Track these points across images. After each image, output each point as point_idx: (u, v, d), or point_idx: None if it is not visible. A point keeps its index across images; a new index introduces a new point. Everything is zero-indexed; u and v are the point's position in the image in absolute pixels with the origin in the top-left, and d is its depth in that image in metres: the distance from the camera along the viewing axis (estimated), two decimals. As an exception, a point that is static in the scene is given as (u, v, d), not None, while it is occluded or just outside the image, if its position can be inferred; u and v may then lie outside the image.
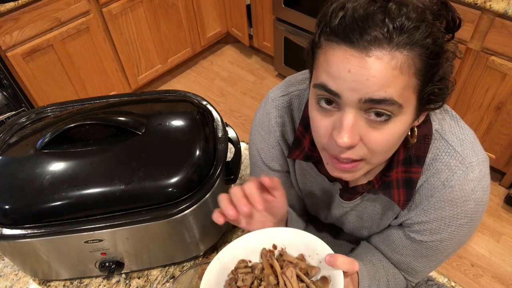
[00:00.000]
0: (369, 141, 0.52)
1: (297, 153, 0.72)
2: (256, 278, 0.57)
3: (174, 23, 2.67)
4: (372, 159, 0.55)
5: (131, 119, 0.81)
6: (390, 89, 0.47)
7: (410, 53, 0.46)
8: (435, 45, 0.48)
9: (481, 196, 0.61)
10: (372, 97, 0.48)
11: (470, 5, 1.66)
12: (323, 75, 0.51)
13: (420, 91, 0.50)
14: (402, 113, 0.50)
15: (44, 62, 2.15)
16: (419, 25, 0.46)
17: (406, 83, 0.48)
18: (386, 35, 0.45)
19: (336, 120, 0.52)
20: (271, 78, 2.96)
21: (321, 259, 0.56)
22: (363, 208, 0.75)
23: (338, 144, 0.51)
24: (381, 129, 0.51)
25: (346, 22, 0.47)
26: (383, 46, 0.46)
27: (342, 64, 0.48)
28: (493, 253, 1.93)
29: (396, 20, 0.45)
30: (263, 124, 0.75)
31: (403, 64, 0.47)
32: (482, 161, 0.61)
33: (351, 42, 0.46)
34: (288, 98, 0.73)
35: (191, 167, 0.76)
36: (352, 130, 0.50)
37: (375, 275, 0.73)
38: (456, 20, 0.51)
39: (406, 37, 0.46)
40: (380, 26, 0.45)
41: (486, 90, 1.83)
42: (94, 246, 0.79)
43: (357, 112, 0.50)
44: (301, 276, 0.55)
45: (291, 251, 0.60)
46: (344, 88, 0.49)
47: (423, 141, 0.61)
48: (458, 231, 0.64)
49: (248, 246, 0.61)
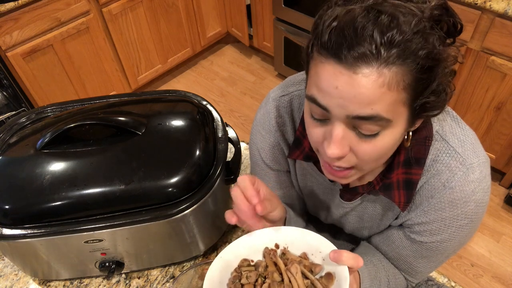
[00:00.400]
0: (358, 152, 0.53)
1: (297, 153, 0.72)
2: (260, 276, 0.57)
3: (174, 23, 2.67)
4: (363, 167, 0.56)
5: (131, 119, 0.81)
6: (376, 106, 0.47)
7: (399, 69, 0.45)
8: (428, 59, 0.46)
9: (481, 197, 0.61)
10: (359, 114, 0.48)
11: (470, 5, 1.66)
12: (314, 88, 0.51)
13: (410, 104, 0.50)
14: (392, 126, 0.50)
15: (44, 62, 2.15)
16: (412, 38, 0.44)
17: (395, 99, 0.47)
18: (374, 52, 0.44)
19: (327, 131, 0.53)
20: (271, 78, 2.96)
21: (324, 257, 0.56)
22: (363, 209, 0.74)
23: (328, 155, 0.52)
24: (371, 141, 0.51)
25: (335, 37, 0.46)
26: (371, 63, 0.45)
27: (330, 80, 0.48)
28: (493, 253, 1.93)
29: (386, 34, 0.44)
30: (263, 124, 0.75)
31: (391, 81, 0.46)
32: (483, 162, 0.61)
33: (339, 58, 0.46)
34: (289, 98, 0.73)
35: (191, 167, 0.76)
36: (342, 142, 0.51)
37: (376, 275, 0.73)
38: (458, 25, 0.50)
39: (395, 52, 0.44)
40: (368, 41, 0.44)
41: (486, 90, 1.83)
42: (94, 246, 0.79)
43: (346, 126, 0.51)
44: (306, 273, 0.55)
45: (294, 250, 0.60)
46: (332, 104, 0.49)
47: (423, 143, 0.61)
48: (458, 232, 0.64)
49: (250, 245, 0.61)
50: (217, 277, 0.58)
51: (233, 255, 0.60)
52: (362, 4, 0.46)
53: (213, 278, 0.58)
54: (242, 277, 0.57)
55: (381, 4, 0.46)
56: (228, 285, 0.58)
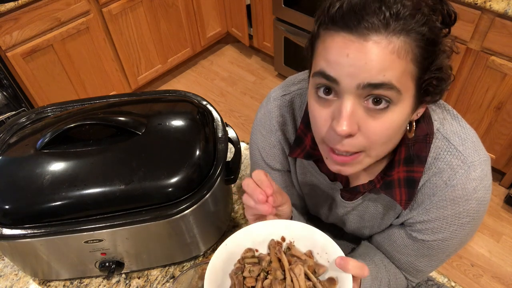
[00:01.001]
0: (367, 131, 0.52)
1: (298, 152, 0.72)
2: (263, 270, 0.56)
3: (174, 23, 2.67)
4: (371, 151, 0.55)
5: (131, 119, 0.81)
6: (388, 73, 0.48)
7: (406, 38, 0.48)
8: (431, 33, 0.49)
9: (483, 195, 0.61)
10: (370, 81, 0.48)
11: (470, 5, 1.66)
12: (322, 62, 0.51)
13: (418, 78, 0.51)
14: (401, 101, 0.51)
15: (44, 62, 2.15)
16: (415, 13, 0.47)
17: (404, 68, 0.49)
18: (383, 21, 0.47)
19: (335, 109, 0.52)
20: (271, 78, 2.96)
21: (329, 259, 0.56)
22: (365, 208, 0.74)
23: (337, 132, 0.51)
24: (380, 118, 0.51)
25: (344, 11, 0.48)
26: (380, 31, 0.47)
27: (340, 49, 0.49)
28: (493, 253, 1.93)
29: (392, 7, 0.47)
30: (264, 123, 0.75)
31: (400, 49, 0.48)
32: (484, 160, 0.61)
33: (349, 28, 0.48)
34: (290, 97, 0.73)
35: (191, 167, 0.76)
36: (351, 119, 0.51)
37: (377, 276, 0.73)
38: (452, 14, 0.52)
39: (402, 23, 0.47)
40: (376, 13, 0.47)
41: (486, 90, 1.83)
42: (94, 246, 0.79)
43: (355, 100, 0.50)
44: (309, 275, 0.54)
45: (299, 246, 0.59)
46: (342, 73, 0.49)
47: (424, 141, 0.61)
48: (460, 230, 0.64)
49: (256, 236, 0.60)
50: (220, 265, 0.58)
51: (238, 244, 0.60)
52: None
53: (216, 266, 0.57)
54: (245, 270, 0.57)
55: None
56: (230, 274, 0.58)
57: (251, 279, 0.56)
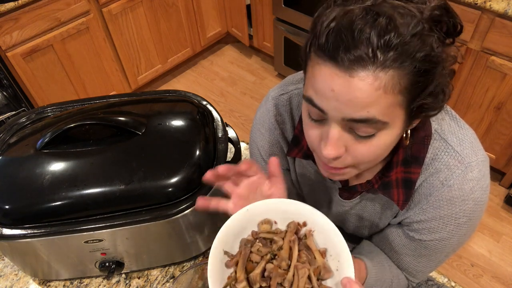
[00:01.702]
0: (354, 153, 0.53)
1: (296, 151, 0.72)
2: (271, 253, 0.56)
3: (174, 23, 2.67)
4: (359, 166, 0.56)
5: (131, 119, 0.81)
6: (372, 109, 0.47)
7: (395, 72, 0.45)
8: (426, 62, 0.46)
9: (480, 196, 0.61)
10: (354, 117, 0.48)
11: (470, 5, 1.66)
12: (310, 90, 0.51)
13: (407, 106, 0.50)
14: (388, 128, 0.50)
15: (44, 62, 2.15)
16: (409, 40, 0.44)
17: (391, 102, 0.47)
18: (370, 55, 0.44)
19: (324, 132, 0.53)
20: (271, 78, 2.96)
21: (339, 268, 0.55)
22: (363, 207, 0.75)
23: (324, 156, 0.52)
24: (367, 142, 0.52)
25: (332, 39, 0.46)
26: (367, 66, 0.44)
27: (326, 82, 0.48)
28: (493, 253, 1.93)
29: (383, 37, 0.43)
30: (263, 122, 0.76)
31: (387, 84, 0.45)
32: (482, 161, 0.61)
33: (335, 61, 0.46)
34: (288, 96, 0.73)
35: (191, 167, 0.76)
36: (337, 143, 0.52)
37: (381, 277, 0.73)
38: (458, 26, 0.50)
39: (392, 55, 0.44)
40: (365, 44, 0.44)
41: (486, 90, 1.83)
42: (94, 246, 0.79)
43: (342, 127, 0.51)
44: (312, 279, 0.54)
45: (318, 239, 0.58)
46: (328, 106, 0.49)
47: (422, 142, 0.61)
48: (457, 230, 0.64)
49: (279, 210, 0.59)
50: (235, 228, 0.58)
51: (259, 213, 0.59)
52: (361, 5, 0.46)
53: (231, 228, 0.57)
54: (255, 245, 0.56)
55: (379, 5, 0.45)
56: (241, 242, 0.58)
57: (256, 256, 0.56)
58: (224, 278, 0.56)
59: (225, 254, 0.57)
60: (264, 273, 0.55)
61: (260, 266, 0.55)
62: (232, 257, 0.57)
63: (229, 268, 0.56)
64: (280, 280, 0.53)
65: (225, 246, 0.57)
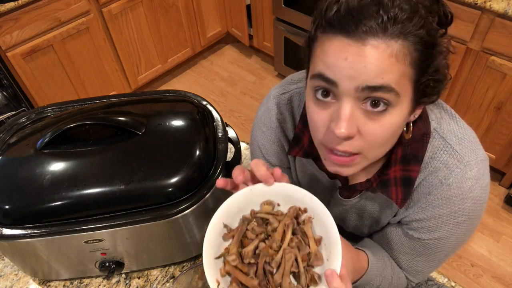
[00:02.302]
0: (366, 132, 0.52)
1: (297, 150, 0.72)
2: (265, 233, 0.58)
3: (174, 23, 2.67)
4: (368, 153, 0.55)
5: (131, 119, 0.81)
6: (387, 76, 0.48)
7: (404, 42, 0.48)
8: (429, 36, 0.49)
9: (479, 195, 0.61)
10: (369, 84, 0.48)
11: (470, 5, 1.66)
12: (320, 65, 0.51)
13: (416, 81, 0.51)
14: (399, 103, 0.51)
15: (44, 62, 2.15)
16: (412, 16, 0.47)
17: (402, 72, 0.49)
18: (381, 25, 0.46)
19: (334, 111, 0.53)
20: (271, 78, 2.96)
21: (329, 258, 0.56)
22: (362, 206, 0.75)
23: (336, 134, 0.51)
24: (378, 120, 0.51)
25: (342, 14, 0.48)
26: (378, 35, 0.47)
27: (339, 52, 0.49)
28: (493, 253, 1.93)
29: (390, 11, 0.46)
30: (264, 120, 0.76)
31: (399, 53, 0.48)
32: (481, 160, 0.61)
33: (347, 32, 0.48)
34: (289, 95, 0.74)
35: (191, 167, 0.76)
36: (350, 121, 0.51)
37: (382, 272, 0.73)
38: (448, 14, 0.52)
39: (400, 27, 0.47)
40: (374, 17, 0.46)
41: (486, 90, 1.83)
42: (94, 246, 0.79)
43: (354, 103, 0.51)
44: (299, 264, 0.55)
45: (316, 227, 0.59)
46: (341, 76, 0.49)
47: (421, 140, 0.61)
48: (456, 229, 0.64)
49: (282, 193, 0.61)
50: (238, 205, 0.59)
51: (262, 194, 0.60)
52: None
53: (232, 205, 0.59)
54: (250, 223, 0.58)
55: None
56: (240, 219, 0.60)
57: (250, 234, 0.58)
58: (220, 249, 0.58)
59: (225, 227, 0.59)
60: (256, 251, 0.57)
61: (253, 243, 0.57)
62: (230, 231, 0.59)
63: (225, 241, 0.59)
64: (268, 259, 0.55)
65: (225, 220, 0.59)
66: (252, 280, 0.55)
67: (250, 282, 0.55)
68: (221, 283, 0.56)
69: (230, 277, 0.56)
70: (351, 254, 0.64)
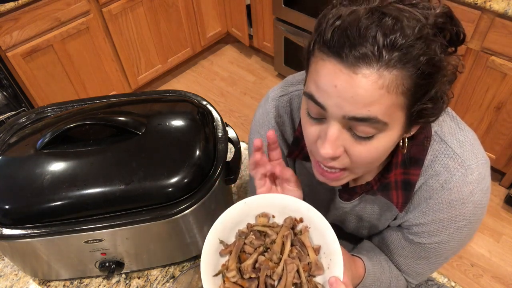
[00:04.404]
0: (353, 154, 0.53)
1: (297, 153, 0.72)
2: (263, 246, 0.58)
3: (174, 23, 2.67)
4: (355, 169, 0.56)
5: (131, 119, 0.81)
6: (374, 108, 0.47)
7: (399, 72, 0.45)
8: (429, 65, 0.46)
9: (480, 199, 0.61)
10: (355, 115, 0.48)
11: (470, 5, 1.66)
12: (312, 85, 0.51)
13: (408, 109, 0.49)
14: (388, 130, 0.50)
15: (44, 62, 2.14)
16: (414, 43, 0.44)
17: (392, 102, 0.47)
18: (376, 53, 0.44)
19: (322, 130, 0.53)
20: (271, 78, 2.96)
21: (330, 266, 0.56)
22: (362, 209, 0.74)
23: (321, 154, 0.52)
24: (366, 144, 0.51)
25: (338, 36, 0.46)
26: (372, 64, 0.45)
27: (329, 78, 0.48)
28: (493, 253, 1.93)
29: (389, 36, 0.44)
30: (262, 123, 0.75)
31: (391, 84, 0.45)
32: (482, 163, 0.60)
33: (340, 57, 0.46)
34: (288, 98, 0.73)
35: (191, 167, 0.76)
36: (336, 142, 0.51)
37: (380, 277, 0.73)
38: (460, 34, 0.50)
39: (396, 56, 0.44)
40: (370, 42, 0.44)
41: (486, 90, 1.83)
42: (94, 246, 0.79)
43: (342, 126, 0.51)
44: (301, 274, 0.55)
45: (313, 235, 0.59)
46: (329, 103, 0.49)
47: (422, 144, 0.61)
48: (457, 233, 0.64)
49: (276, 205, 0.61)
50: (233, 220, 0.59)
51: (256, 206, 0.60)
52: (367, 6, 0.46)
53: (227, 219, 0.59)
54: (248, 237, 0.58)
55: (386, 6, 0.46)
56: (236, 233, 0.60)
57: (249, 248, 0.57)
58: (217, 266, 0.58)
59: (221, 243, 0.59)
60: (255, 265, 0.56)
61: (252, 257, 0.56)
62: (227, 246, 0.59)
63: (222, 257, 0.58)
64: (269, 272, 0.55)
65: (221, 235, 0.59)
66: None
67: None
68: None
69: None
70: (348, 261, 0.64)
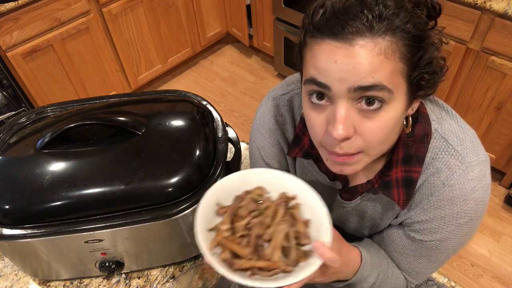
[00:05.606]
0: (363, 132, 0.53)
1: (297, 151, 0.72)
2: (258, 210, 0.60)
3: (174, 23, 2.67)
4: (369, 150, 0.55)
5: (131, 119, 0.81)
6: (377, 74, 0.48)
7: (392, 38, 0.48)
8: (417, 29, 0.49)
9: (481, 196, 0.61)
10: (361, 84, 0.49)
11: (470, 5, 1.66)
12: (311, 69, 0.52)
13: (409, 75, 0.51)
14: (393, 99, 0.51)
15: (44, 62, 2.15)
16: (398, 11, 0.48)
17: (393, 68, 0.49)
18: (367, 25, 0.47)
19: (330, 114, 0.53)
20: (271, 78, 2.96)
21: (317, 237, 0.58)
22: (364, 208, 0.75)
23: (334, 137, 0.52)
24: (374, 118, 0.51)
25: (327, 17, 0.49)
26: (365, 34, 0.47)
27: (328, 55, 0.49)
28: (493, 253, 1.93)
29: (374, 9, 0.47)
30: (263, 122, 0.76)
31: (387, 49, 0.48)
32: (483, 160, 0.61)
33: (334, 35, 0.48)
34: (289, 96, 0.73)
35: (191, 167, 0.76)
36: (346, 122, 0.51)
37: (378, 269, 0.73)
38: (436, 6, 0.53)
39: (386, 24, 0.47)
40: (359, 16, 0.47)
41: (486, 90, 1.83)
42: (94, 246, 0.79)
43: (348, 103, 0.51)
44: (290, 238, 0.57)
45: (304, 211, 0.61)
46: (332, 79, 0.50)
47: (422, 141, 0.61)
48: (458, 230, 0.64)
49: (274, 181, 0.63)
50: (231, 186, 0.62)
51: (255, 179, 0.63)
52: None
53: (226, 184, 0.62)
54: (244, 200, 0.60)
55: None
56: (233, 199, 0.62)
57: (244, 210, 0.59)
58: (212, 224, 0.60)
59: (217, 205, 0.61)
60: (248, 226, 0.59)
61: (246, 219, 0.59)
62: (223, 207, 0.61)
63: (218, 217, 0.61)
64: (260, 232, 0.57)
65: (218, 198, 0.61)
66: (245, 249, 0.55)
67: (242, 251, 0.56)
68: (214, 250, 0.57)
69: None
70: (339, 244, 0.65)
